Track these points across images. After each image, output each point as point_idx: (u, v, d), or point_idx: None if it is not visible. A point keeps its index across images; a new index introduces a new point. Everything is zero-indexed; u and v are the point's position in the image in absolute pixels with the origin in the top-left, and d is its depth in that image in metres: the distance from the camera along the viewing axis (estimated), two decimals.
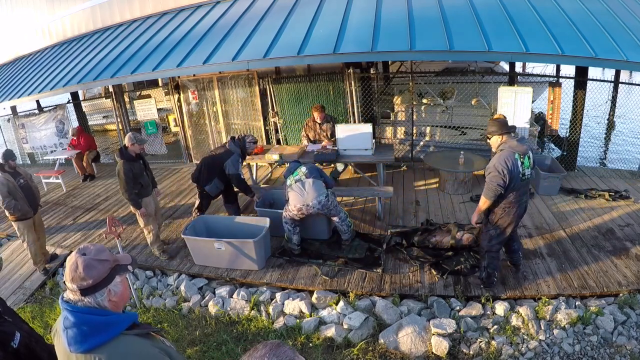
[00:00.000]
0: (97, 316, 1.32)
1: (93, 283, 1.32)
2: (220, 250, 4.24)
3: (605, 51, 4.53)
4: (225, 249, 4.22)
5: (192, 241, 4.40)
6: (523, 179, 3.33)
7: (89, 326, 1.29)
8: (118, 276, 1.39)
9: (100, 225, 5.87)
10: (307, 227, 4.69)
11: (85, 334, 1.28)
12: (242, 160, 4.97)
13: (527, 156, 3.33)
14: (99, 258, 1.36)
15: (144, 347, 1.35)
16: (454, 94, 7.87)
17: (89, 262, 1.33)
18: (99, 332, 1.29)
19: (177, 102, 8.04)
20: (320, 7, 5.96)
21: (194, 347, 3.50)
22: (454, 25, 5.03)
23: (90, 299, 1.33)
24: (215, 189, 4.97)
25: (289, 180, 4.45)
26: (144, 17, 7.70)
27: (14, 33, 9.78)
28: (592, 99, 6.56)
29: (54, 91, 6.72)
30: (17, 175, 4.54)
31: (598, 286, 3.70)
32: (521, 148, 3.28)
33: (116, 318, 1.35)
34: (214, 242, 4.23)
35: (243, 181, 4.86)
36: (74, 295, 1.33)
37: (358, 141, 5.64)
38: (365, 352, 3.29)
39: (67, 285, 1.34)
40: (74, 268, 1.32)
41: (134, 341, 1.33)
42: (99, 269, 1.34)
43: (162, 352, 1.38)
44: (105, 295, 1.35)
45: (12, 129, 10.06)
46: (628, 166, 7.44)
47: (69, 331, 1.29)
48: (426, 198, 5.88)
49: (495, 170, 3.26)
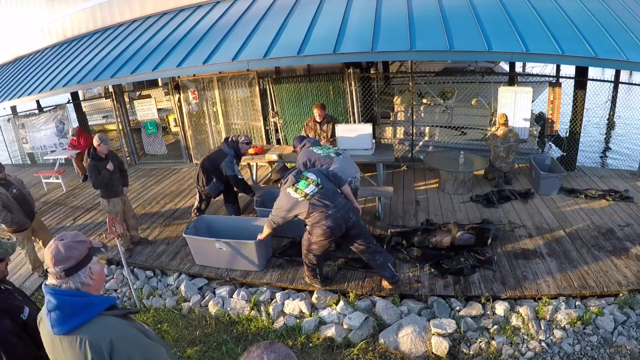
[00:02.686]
0: (78, 297, 1.42)
1: (75, 262, 1.44)
2: (221, 250, 4.25)
3: (605, 51, 4.53)
4: (226, 249, 4.22)
5: (193, 240, 4.41)
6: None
7: (71, 307, 1.39)
8: (94, 256, 1.53)
9: (100, 225, 5.88)
10: (288, 227, 4.33)
11: (67, 315, 1.38)
12: (237, 161, 4.95)
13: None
14: (77, 240, 1.49)
15: (122, 325, 1.44)
16: (454, 94, 7.88)
17: (69, 244, 1.45)
18: (80, 313, 1.39)
19: (177, 102, 8.04)
20: (320, 7, 5.96)
21: (194, 347, 3.51)
22: (454, 25, 5.02)
23: (73, 280, 1.44)
24: (216, 190, 5.00)
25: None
26: (144, 17, 7.70)
27: (14, 33, 9.78)
28: (592, 99, 6.57)
29: (54, 91, 6.71)
30: (9, 186, 4.36)
31: (598, 286, 3.70)
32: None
33: (95, 299, 1.46)
34: (215, 242, 4.23)
35: (242, 181, 4.87)
36: (56, 280, 1.43)
37: (358, 141, 5.64)
38: (365, 352, 3.29)
39: (49, 271, 1.43)
40: (56, 252, 1.43)
41: (112, 320, 1.44)
42: (79, 249, 1.46)
43: (139, 332, 1.48)
44: (87, 273, 1.47)
45: (12, 129, 10.06)
46: (628, 166, 7.44)
47: (52, 314, 1.38)
48: (426, 198, 5.88)
49: None
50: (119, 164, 4.80)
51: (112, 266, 4.89)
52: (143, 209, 6.29)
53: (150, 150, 9.04)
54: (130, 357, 1.39)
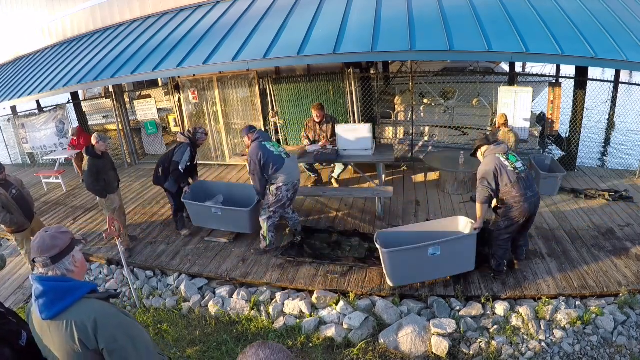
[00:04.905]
0: (62, 283, 1.55)
1: (60, 250, 1.57)
2: (218, 214, 4.79)
3: (605, 51, 4.53)
4: (222, 213, 4.75)
5: (192, 206, 4.92)
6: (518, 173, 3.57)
7: (56, 292, 1.51)
8: (76, 246, 1.67)
9: (101, 225, 5.88)
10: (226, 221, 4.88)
11: (53, 299, 1.50)
12: (192, 150, 4.94)
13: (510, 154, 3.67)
14: (60, 231, 1.64)
15: (104, 306, 1.57)
16: (455, 94, 7.87)
17: (53, 235, 1.60)
18: (65, 297, 1.51)
19: (177, 102, 8.04)
20: (320, 7, 5.96)
21: (194, 347, 3.51)
22: (454, 25, 5.02)
23: (59, 267, 1.57)
24: (174, 185, 4.93)
25: (272, 146, 4.32)
26: (144, 17, 7.69)
27: (14, 33, 9.78)
28: (592, 98, 6.57)
29: (54, 91, 6.71)
30: (9, 186, 4.37)
31: (598, 286, 3.71)
32: (499, 149, 3.70)
33: (78, 283, 1.59)
34: (212, 207, 4.78)
35: (178, 171, 4.79)
36: (43, 268, 1.56)
37: (358, 141, 5.63)
38: (365, 352, 3.29)
39: (36, 260, 1.56)
40: (42, 242, 1.57)
41: (95, 302, 1.57)
42: (63, 239, 1.61)
43: (120, 312, 1.61)
44: (71, 260, 1.61)
45: (12, 129, 10.06)
46: (628, 166, 7.44)
47: (40, 301, 1.50)
48: (426, 198, 5.88)
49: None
50: (110, 162, 5.01)
51: (112, 266, 4.89)
52: (143, 208, 6.29)
53: (150, 150, 9.04)
54: (113, 334, 1.50)
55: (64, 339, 1.47)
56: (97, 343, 1.48)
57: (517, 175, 3.55)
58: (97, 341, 1.48)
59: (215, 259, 4.62)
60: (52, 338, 1.50)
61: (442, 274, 3.73)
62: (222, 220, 4.85)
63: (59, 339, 1.48)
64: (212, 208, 4.78)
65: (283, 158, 4.34)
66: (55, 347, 1.50)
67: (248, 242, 4.88)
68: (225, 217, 4.80)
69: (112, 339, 1.49)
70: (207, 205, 4.85)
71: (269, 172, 4.27)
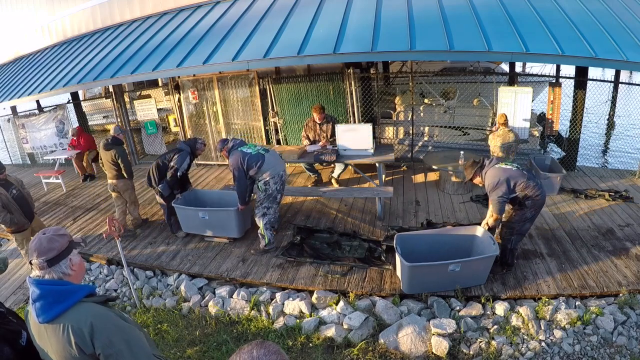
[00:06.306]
0: (59, 286, 1.53)
1: (57, 253, 1.55)
2: (205, 219, 4.79)
3: (605, 51, 4.53)
4: (209, 217, 4.78)
5: (181, 210, 4.96)
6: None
7: (53, 296, 1.50)
8: (74, 249, 1.64)
9: (100, 225, 5.87)
10: (216, 225, 4.89)
11: (50, 303, 1.48)
12: (191, 158, 5.05)
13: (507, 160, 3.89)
14: (58, 233, 1.61)
15: (101, 310, 1.55)
16: (455, 94, 7.87)
17: (51, 237, 1.57)
18: (62, 300, 1.49)
19: (177, 102, 8.04)
20: (320, 7, 5.96)
21: (194, 347, 3.51)
22: (454, 25, 5.02)
23: (55, 270, 1.55)
24: (168, 188, 4.98)
25: (248, 148, 4.42)
26: (144, 17, 7.70)
27: (14, 33, 9.79)
28: (592, 98, 6.56)
29: (54, 91, 6.71)
30: (9, 186, 4.38)
31: (598, 286, 3.71)
32: (494, 162, 3.82)
33: (75, 287, 1.57)
34: (199, 211, 4.82)
35: (175, 177, 4.91)
36: (40, 271, 1.54)
37: (358, 141, 5.63)
38: (365, 352, 3.29)
39: (33, 262, 1.53)
40: (39, 244, 1.54)
41: (92, 306, 1.55)
42: (60, 242, 1.58)
43: (118, 317, 1.58)
44: (68, 263, 1.58)
45: (12, 129, 10.06)
46: (628, 166, 7.44)
47: (37, 304, 1.48)
48: (426, 198, 5.88)
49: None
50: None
51: (112, 266, 4.89)
52: (143, 208, 6.28)
53: (150, 150, 9.04)
54: (110, 339, 1.48)
55: (61, 343, 1.46)
56: (93, 347, 1.47)
57: (522, 172, 3.69)
58: (94, 346, 1.47)
59: (215, 259, 4.63)
60: (49, 341, 1.49)
61: (454, 286, 3.73)
62: (210, 225, 4.86)
63: (56, 342, 1.47)
64: (199, 212, 4.80)
65: (262, 154, 4.41)
66: (53, 351, 1.49)
67: (248, 242, 4.89)
68: (212, 220, 4.81)
69: (108, 344, 1.47)
70: (195, 209, 4.89)
71: (253, 172, 4.34)
